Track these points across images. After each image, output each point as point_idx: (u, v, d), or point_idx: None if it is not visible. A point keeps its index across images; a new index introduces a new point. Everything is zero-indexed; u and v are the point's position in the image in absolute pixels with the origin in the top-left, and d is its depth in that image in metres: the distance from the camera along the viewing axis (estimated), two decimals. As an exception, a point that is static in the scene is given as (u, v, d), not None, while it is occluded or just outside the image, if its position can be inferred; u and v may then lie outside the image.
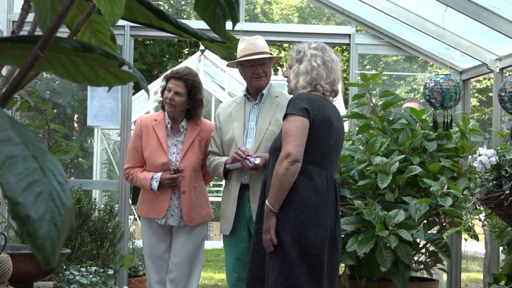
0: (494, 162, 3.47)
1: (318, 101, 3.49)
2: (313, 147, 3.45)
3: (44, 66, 0.84)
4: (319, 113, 3.46)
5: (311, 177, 3.42)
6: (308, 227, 3.37)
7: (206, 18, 0.99)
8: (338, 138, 3.56)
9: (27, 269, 3.73)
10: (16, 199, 0.64)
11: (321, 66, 3.59)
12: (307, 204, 3.39)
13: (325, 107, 3.51)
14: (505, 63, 5.54)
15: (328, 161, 3.50)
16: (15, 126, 0.70)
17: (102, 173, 9.92)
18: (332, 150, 3.51)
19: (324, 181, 3.44)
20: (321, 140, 3.46)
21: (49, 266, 0.65)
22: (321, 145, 3.47)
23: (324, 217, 3.40)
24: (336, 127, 3.53)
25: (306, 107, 3.44)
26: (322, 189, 3.42)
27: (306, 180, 3.42)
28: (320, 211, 3.40)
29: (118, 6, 0.84)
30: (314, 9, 19.45)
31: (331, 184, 3.50)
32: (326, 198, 3.43)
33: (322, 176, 3.45)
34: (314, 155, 3.46)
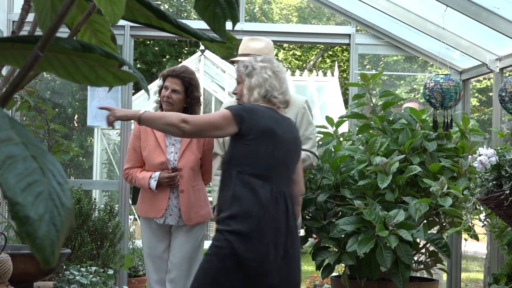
0: (494, 162, 3.47)
1: (262, 112, 3.46)
2: (255, 159, 3.41)
3: (44, 66, 0.84)
4: (259, 123, 3.42)
5: (254, 189, 3.37)
6: (249, 240, 3.32)
7: (206, 18, 0.99)
8: (287, 150, 3.50)
9: (27, 269, 3.73)
10: (16, 199, 0.64)
11: (272, 77, 3.57)
12: (249, 216, 3.34)
13: (270, 118, 3.47)
14: (505, 63, 5.54)
15: (273, 174, 3.43)
16: (15, 126, 0.70)
17: (102, 173, 9.92)
18: (278, 163, 3.46)
19: (268, 194, 3.38)
20: (263, 152, 3.41)
21: (48, 266, 0.65)
22: (264, 158, 3.42)
23: (267, 230, 3.34)
24: (284, 139, 3.48)
25: (243, 114, 3.42)
26: (266, 202, 3.37)
27: (249, 193, 3.37)
28: (263, 224, 3.34)
29: (119, 6, 0.84)
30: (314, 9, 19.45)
31: (280, 197, 3.43)
32: (271, 211, 3.37)
33: (265, 188, 3.39)
34: (256, 167, 3.41)
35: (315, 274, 7.62)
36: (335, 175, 4.45)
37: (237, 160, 3.43)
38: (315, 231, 4.47)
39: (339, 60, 20.58)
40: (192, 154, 4.43)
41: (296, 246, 3.50)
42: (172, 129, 3.46)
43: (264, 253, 3.33)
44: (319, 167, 4.50)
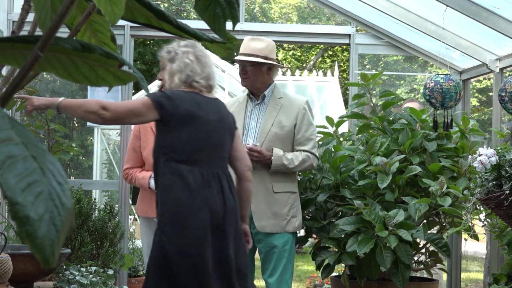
0: (494, 162, 3.47)
1: (182, 97, 3.47)
2: (180, 145, 3.42)
3: (44, 66, 0.84)
4: (179, 109, 3.42)
5: (182, 175, 3.39)
6: (184, 227, 3.35)
7: (206, 18, 0.99)
8: (213, 131, 3.50)
9: (27, 269, 3.73)
10: (16, 199, 0.64)
11: (194, 62, 3.56)
12: (180, 203, 3.37)
13: (191, 102, 3.46)
14: (505, 63, 5.54)
15: (201, 157, 3.44)
16: (15, 126, 0.70)
17: (102, 173, 9.92)
18: (205, 146, 3.46)
19: (199, 177, 3.40)
20: (186, 137, 3.43)
21: (48, 266, 0.65)
22: (188, 142, 3.43)
23: (200, 214, 3.36)
24: (208, 121, 3.48)
25: (162, 100, 3.42)
26: (196, 186, 3.38)
27: (177, 180, 3.39)
28: (196, 209, 3.36)
29: (118, 6, 0.84)
30: (314, 9, 19.46)
31: (212, 179, 3.44)
32: (202, 194, 3.38)
33: (195, 172, 3.40)
34: (182, 153, 3.42)
35: (315, 274, 7.62)
36: (335, 175, 4.45)
37: (163, 148, 3.45)
38: (315, 231, 4.47)
39: (339, 60, 20.58)
40: None
41: (236, 225, 3.50)
42: (92, 117, 3.39)
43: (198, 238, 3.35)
44: (319, 167, 4.50)
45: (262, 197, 4.13)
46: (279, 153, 4.14)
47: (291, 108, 4.25)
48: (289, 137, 4.22)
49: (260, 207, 4.13)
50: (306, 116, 4.26)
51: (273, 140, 4.17)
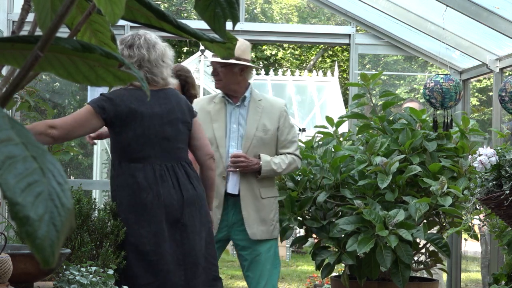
0: (494, 162, 3.47)
1: (123, 95, 3.42)
2: (129, 144, 3.41)
3: (44, 66, 0.84)
4: (119, 109, 3.39)
5: (133, 174, 3.40)
6: (140, 226, 3.38)
7: (206, 18, 0.99)
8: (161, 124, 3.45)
9: (27, 269, 3.73)
10: (16, 199, 0.64)
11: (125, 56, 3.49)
12: (134, 203, 3.40)
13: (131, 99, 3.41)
14: (505, 63, 5.54)
15: (152, 152, 3.42)
16: (15, 126, 0.70)
17: (102, 173, 9.91)
18: (154, 140, 3.43)
19: (150, 174, 3.39)
20: (133, 135, 3.40)
21: (48, 267, 0.65)
22: (136, 140, 3.41)
23: (156, 210, 3.36)
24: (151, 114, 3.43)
25: (103, 104, 3.38)
26: (148, 184, 3.38)
27: (129, 179, 3.41)
28: (149, 206, 3.37)
29: (119, 6, 0.84)
30: (314, 9, 19.45)
31: (166, 173, 3.42)
32: (155, 190, 3.38)
33: (146, 169, 3.39)
34: (131, 152, 3.41)
35: (315, 274, 7.62)
36: (335, 175, 4.45)
37: (115, 149, 3.48)
38: (315, 231, 4.47)
39: (339, 60, 20.58)
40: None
41: (197, 217, 3.47)
42: (42, 138, 3.32)
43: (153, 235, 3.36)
44: (319, 167, 4.50)
45: (251, 203, 4.10)
46: (267, 159, 4.09)
47: (273, 111, 4.20)
48: (273, 141, 4.18)
49: (250, 214, 4.10)
50: (287, 118, 4.25)
51: (258, 145, 4.13)
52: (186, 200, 3.43)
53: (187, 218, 3.42)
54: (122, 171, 3.44)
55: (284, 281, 9.79)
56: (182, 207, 3.42)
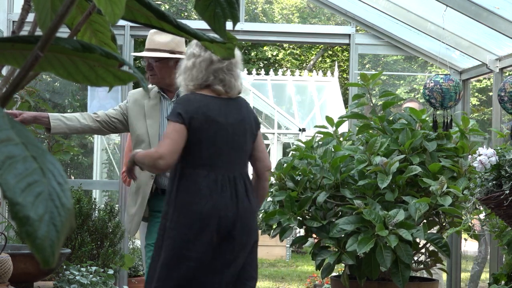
0: (494, 162, 3.47)
1: (198, 102, 3.44)
2: (198, 150, 3.40)
3: (44, 66, 0.84)
4: (198, 114, 3.40)
5: (196, 181, 3.38)
6: (190, 232, 3.34)
7: (206, 18, 0.99)
8: (233, 134, 3.47)
9: (27, 269, 3.73)
10: (16, 199, 0.64)
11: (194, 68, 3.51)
12: (190, 208, 3.36)
13: (207, 106, 3.43)
14: (505, 63, 5.54)
15: (218, 161, 3.42)
16: (15, 126, 0.70)
17: (102, 173, 9.92)
18: (223, 149, 3.44)
19: (212, 183, 3.38)
20: (204, 141, 3.41)
21: (48, 267, 0.65)
22: (207, 147, 3.41)
23: (210, 220, 3.35)
24: (226, 125, 3.45)
25: (180, 111, 3.39)
26: (209, 192, 3.37)
27: (191, 185, 3.38)
28: (205, 214, 3.35)
29: (119, 6, 0.84)
30: (314, 9, 19.45)
31: (227, 183, 3.42)
32: (214, 200, 3.37)
33: (209, 178, 3.39)
34: (198, 158, 3.40)
35: (315, 274, 7.62)
36: (335, 175, 4.45)
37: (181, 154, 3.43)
38: (315, 230, 4.46)
39: (339, 60, 20.58)
40: None
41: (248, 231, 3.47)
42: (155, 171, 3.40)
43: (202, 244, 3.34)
44: (319, 167, 4.50)
45: None
46: None
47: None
48: None
49: None
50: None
51: None
52: (240, 214, 3.44)
53: (238, 231, 3.42)
54: (185, 176, 3.40)
55: (284, 281, 9.79)
56: (235, 220, 3.42)
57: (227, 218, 3.39)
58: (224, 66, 3.49)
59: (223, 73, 3.50)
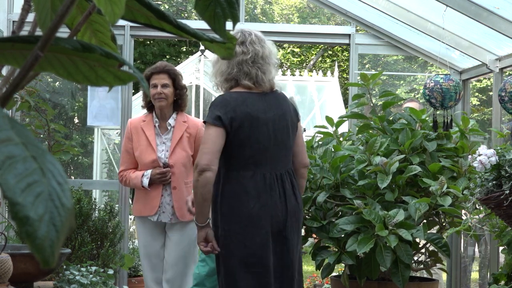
0: (494, 162, 3.47)
1: (234, 101, 3.28)
2: (241, 151, 3.27)
3: (44, 66, 0.84)
4: (236, 114, 3.26)
5: (242, 183, 3.25)
6: (245, 237, 3.23)
7: (206, 17, 0.99)
8: (275, 129, 3.33)
9: (27, 269, 3.73)
10: (16, 199, 0.64)
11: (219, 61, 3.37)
12: (240, 213, 3.24)
13: (245, 103, 3.29)
14: (505, 63, 5.54)
15: (263, 158, 3.29)
16: (15, 126, 0.70)
17: (102, 173, 9.92)
18: (267, 146, 3.30)
19: (259, 183, 3.26)
20: (246, 141, 3.27)
21: (48, 267, 0.65)
22: (250, 146, 3.27)
23: (262, 221, 3.24)
24: (266, 120, 3.31)
25: (219, 114, 3.25)
26: (256, 193, 3.25)
27: (236, 188, 3.25)
28: (255, 216, 3.24)
29: (119, 6, 0.84)
30: (314, 9, 19.45)
31: (275, 181, 3.30)
32: (263, 200, 3.26)
33: (256, 178, 3.26)
34: (242, 159, 3.27)
35: (315, 274, 7.62)
36: (335, 175, 4.45)
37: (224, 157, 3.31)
38: (315, 230, 4.46)
39: (339, 60, 20.58)
40: (183, 151, 4.47)
41: (296, 229, 3.37)
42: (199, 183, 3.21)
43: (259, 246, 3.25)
44: (319, 167, 4.50)
45: None
46: None
47: None
48: None
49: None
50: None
51: None
52: (289, 212, 3.33)
53: (289, 230, 3.32)
54: (229, 179, 3.27)
55: (284, 281, 9.79)
56: (286, 218, 3.32)
57: (278, 218, 3.28)
58: (248, 58, 3.33)
59: (247, 66, 3.34)
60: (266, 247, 3.25)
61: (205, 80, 13.61)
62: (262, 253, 3.24)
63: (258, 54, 3.35)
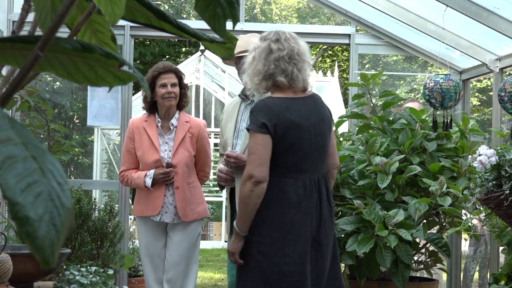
0: (494, 162, 3.47)
1: (277, 107, 3.23)
2: (284, 158, 3.23)
3: (44, 66, 0.84)
4: (280, 121, 3.21)
5: (284, 190, 3.21)
6: (285, 244, 3.19)
7: (206, 17, 0.99)
8: (315, 134, 3.30)
9: (27, 269, 3.73)
10: (16, 199, 0.64)
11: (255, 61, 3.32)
12: (280, 220, 3.20)
13: (288, 109, 3.25)
14: (505, 63, 5.54)
15: (304, 165, 3.26)
16: (15, 126, 0.70)
17: (102, 173, 9.92)
18: (308, 152, 3.27)
19: (300, 190, 3.22)
20: (289, 148, 3.23)
21: (48, 267, 0.65)
22: (292, 153, 3.23)
23: (302, 228, 3.21)
24: (308, 126, 3.27)
25: (264, 121, 3.19)
26: (298, 200, 3.21)
27: (278, 195, 3.22)
28: (296, 224, 3.20)
29: (119, 6, 0.84)
30: (313, 9, 19.45)
31: (314, 187, 3.27)
32: (303, 207, 3.22)
33: (297, 185, 3.22)
34: (284, 166, 3.23)
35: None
36: (335, 175, 4.45)
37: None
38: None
39: (339, 60, 20.58)
40: (185, 151, 4.47)
41: (329, 234, 3.33)
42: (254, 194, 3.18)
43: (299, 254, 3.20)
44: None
45: None
46: None
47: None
48: None
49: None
50: None
51: None
52: (324, 217, 3.30)
53: (323, 236, 3.29)
54: (271, 186, 3.21)
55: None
56: (320, 224, 3.29)
57: (313, 224, 3.26)
58: (284, 54, 3.29)
59: (284, 62, 3.29)
60: (305, 255, 3.22)
61: (205, 80, 13.61)
62: (302, 261, 3.20)
63: (293, 50, 3.32)
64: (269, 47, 3.31)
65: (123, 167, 4.59)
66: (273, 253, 3.19)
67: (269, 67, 3.29)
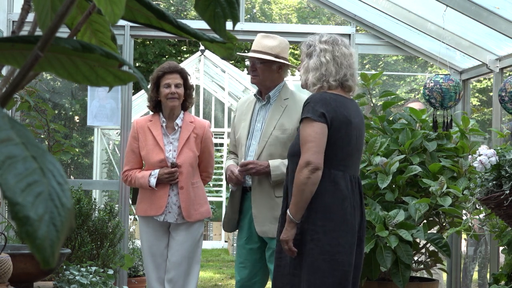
0: (494, 162, 3.47)
1: (334, 101, 3.34)
2: (334, 151, 3.31)
3: (44, 66, 0.84)
4: (336, 114, 3.31)
5: (336, 181, 3.29)
6: (339, 234, 3.25)
7: (206, 17, 0.99)
8: (358, 135, 3.42)
9: (27, 269, 3.73)
10: (16, 199, 0.64)
11: (330, 62, 3.43)
12: (334, 210, 3.27)
13: (342, 105, 3.36)
14: (505, 63, 5.54)
15: (350, 162, 3.36)
16: (15, 126, 0.70)
17: (102, 173, 9.92)
18: (353, 150, 3.38)
19: (349, 184, 3.32)
20: (340, 142, 3.32)
21: (48, 267, 0.65)
22: (342, 147, 3.32)
23: (352, 221, 3.29)
24: (355, 125, 3.38)
25: (323, 111, 3.28)
26: (348, 192, 3.30)
27: (330, 186, 3.28)
28: (348, 215, 3.28)
29: (119, 6, 0.84)
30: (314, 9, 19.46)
31: (355, 185, 3.37)
32: (352, 200, 3.32)
33: (346, 178, 3.31)
34: (335, 158, 3.31)
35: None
36: (335, 175, 4.45)
37: None
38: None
39: (339, 60, 20.55)
40: (190, 151, 4.47)
41: (364, 233, 3.46)
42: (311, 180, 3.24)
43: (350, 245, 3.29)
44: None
45: (264, 202, 4.08)
46: (275, 164, 4.04)
47: (296, 110, 4.11)
48: (290, 140, 4.16)
49: (262, 212, 4.08)
50: None
51: (274, 144, 4.10)
52: (363, 215, 3.43)
53: (362, 232, 3.40)
54: (323, 176, 3.28)
55: (284, 281, 9.77)
56: (362, 220, 3.40)
57: (357, 219, 3.35)
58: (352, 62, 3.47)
59: (351, 69, 3.47)
60: (354, 247, 3.31)
61: (205, 80, 13.61)
62: (351, 251, 3.29)
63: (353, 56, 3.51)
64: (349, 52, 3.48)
65: (126, 166, 4.58)
66: (327, 241, 3.25)
67: (344, 72, 3.43)
